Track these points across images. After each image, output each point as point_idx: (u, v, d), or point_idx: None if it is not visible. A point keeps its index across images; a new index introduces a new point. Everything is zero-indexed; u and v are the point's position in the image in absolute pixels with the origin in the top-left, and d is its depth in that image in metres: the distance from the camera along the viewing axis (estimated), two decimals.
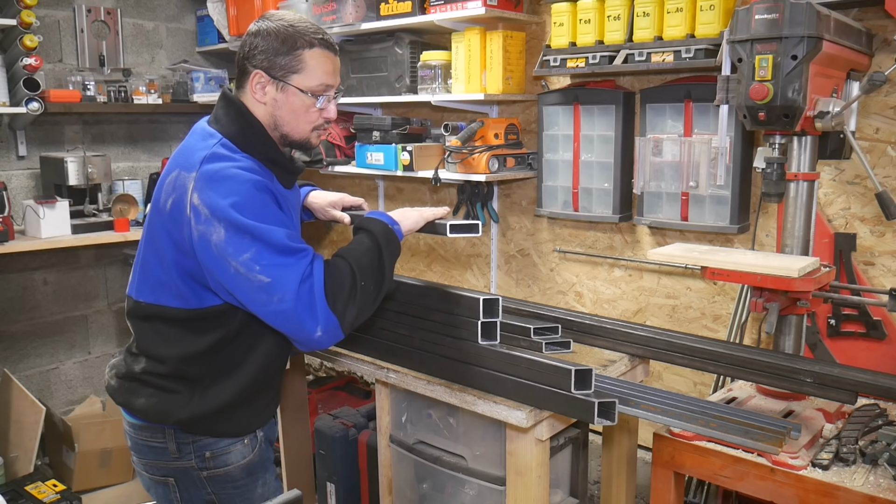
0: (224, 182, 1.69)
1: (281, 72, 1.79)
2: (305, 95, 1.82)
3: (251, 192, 1.69)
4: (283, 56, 1.79)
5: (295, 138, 1.87)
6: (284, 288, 1.66)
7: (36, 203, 3.73)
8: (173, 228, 1.74)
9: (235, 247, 1.65)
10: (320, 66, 1.82)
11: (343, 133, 4.11)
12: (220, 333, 1.82)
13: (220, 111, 1.85)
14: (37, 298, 4.27)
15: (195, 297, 1.78)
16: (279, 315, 1.68)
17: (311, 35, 1.80)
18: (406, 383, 2.12)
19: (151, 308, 1.83)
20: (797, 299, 2.10)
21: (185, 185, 1.72)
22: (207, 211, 1.67)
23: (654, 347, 2.22)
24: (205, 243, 1.68)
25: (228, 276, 1.69)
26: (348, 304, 1.72)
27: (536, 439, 1.89)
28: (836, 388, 1.88)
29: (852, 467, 1.82)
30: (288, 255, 1.68)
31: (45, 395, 4.31)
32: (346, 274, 1.74)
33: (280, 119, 1.84)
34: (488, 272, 3.96)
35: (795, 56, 1.95)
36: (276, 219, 1.71)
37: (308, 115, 1.85)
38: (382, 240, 1.84)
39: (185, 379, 1.83)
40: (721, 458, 1.93)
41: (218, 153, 1.75)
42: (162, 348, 1.83)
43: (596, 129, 3.26)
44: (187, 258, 1.74)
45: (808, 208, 2.20)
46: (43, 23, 3.95)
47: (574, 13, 3.08)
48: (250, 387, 1.87)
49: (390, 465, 2.40)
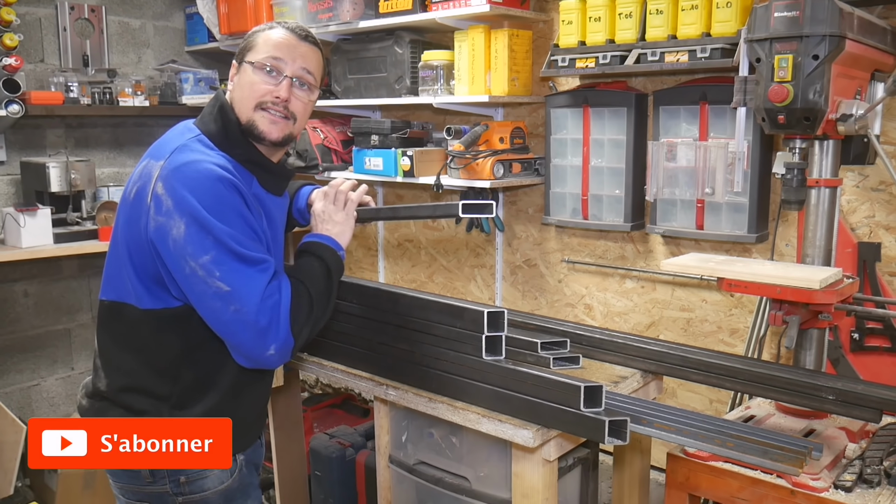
0: (192, 175, 1.70)
1: (241, 55, 1.89)
2: (251, 67, 1.86)
3: (219, 189, 1.70)
4: (246, 41, 1.90)
5: (242, 122, 1.87)
6: (244, 299, 1.68)
7: (16, 211, 3.74)
8: (132, 218, 1.75)
9: (195, 246, 1.66)
10: (270, 41, 1.87)
11: (340, 137, 4.13)
12: (184, 343, 1.81)
13: (206, 108, 1.91)
14: (17, 311, 4.28)
15: (150, 296, 1.78)
16: (233, 325, 1.70)
17: (276, 22, 1.92)
18: (406, 401, 2.13)
19: (112, 306, 1.84)
20: (819, 312, 2.11)
21: (150, 174, 1.73)
22: (171, 202, 1.68)
23: (668, 363, 2.22)
24: (162, 236, 1.69)
25: (183, 276, 1.70)
26: (304, 328, 1.78)
27: (544, 460, 1.89)
28: (860, 405, 1.88)
29: (877, 489, 1.83)
30: (250, 264, 1.70)
31: (25, 413, 4.31)
32: (305, 299, 1.80)
33: (234, 100, 1.88)
34: (493, 283, 3.97)
35: (817, 56, 1.96)
36: (242, 221, 1.73)
37: (253, 90, 1.85)
38: (332, 265, 1.91)
39: (152, 397, 1.82)
40: (738, 480, 1.93)
41: (190, 146, 1.78)
42: (123, 357, 1.83)
43: (606, 132, 3.27)
44: (142, 252, 1.74)
45: (831, 216, 2.20)
46: (23, 21, 3.98)
47: (584, 10, 3.10)
48: (223, 406, 1.86)
49: (390, 487, 2.40)
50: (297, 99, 1.88)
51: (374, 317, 2.15)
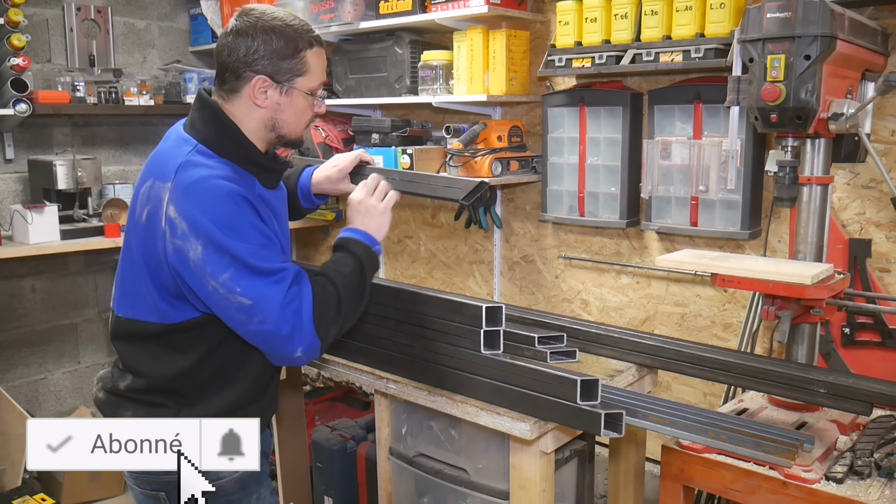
0: (202, 194, 1.69)
1: (286, 76, 1.80)
2: (308, 97, 1.85)
3: (230, 207, 1.70)
4: (288, 60, 1.78)
5: (292, 138, 1.90)
6: (266, 310, 1.69)
7: (24, 208, 3.74)
8: (148, 240, 1.75)
9: (214, 266, 1.67)
10: (320, 66, 1.86)
11: (341, 136, 4.12)
12: (204, 347, 1.82)
13: (195, 114, 1.84)
14: (24, 306, 4.28)
15: (173, 310, 1.78)
16: (259, 335, 1.73)
17: (308, 35, 1.82)
18: (406, 394, 2.13)
19: (132, 324, 1.84)
20: (810, 307, 2.10)
21: (160, 196, 1.72)
22: (185, 226, 1.67)
23: (663, 357, 2.23)
24: (182, 259, 1.69)
25: (206, 293, 1.71)
26: (331, 327, 1.78)
27: (541, 452, 1.89)
28: (851, 398, 1.88)
29: (867, 481, 1.83)
30: (267, 275, 1.70)
31: (33, 406, 4.31)
32: (332, 297, 1.78)
33: (281, 122, 1.85)
34: (491, 279, 3.96)
35: (809, 56, 1.96)
36: (256, 233, 1.72)
37: (306, 115, 1.88)
38: (366, 262, 1.89)
39: (172, 393, 1.84)
40: (732, 472, 1.93)
41: (193, 160, 1.75)
42: (146, 365, 1.84)
43: (602, 131, 3.27)
44: (162, 271, 1.74)
45: (822, 213, 2.20)
46: (31, 21, 3.96)
47: (580, 11, 3.09)
48: (239, 399, 1.88)
49: (390, 479, 2.40)
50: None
51: (374, 312, 2.15)
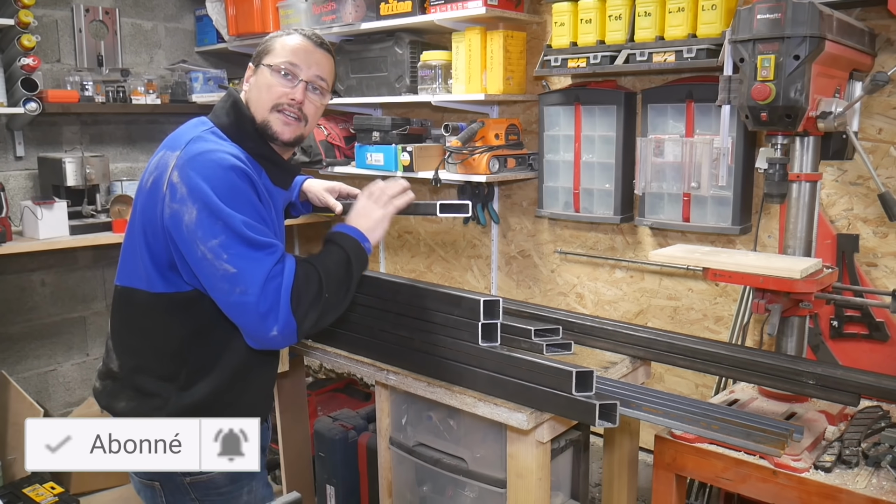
0: (206, 164, 1.71)
1: (258, 58, 1.91)
2: (269, 70, 1.87)
3: (231, 178, 1.71)
4: (263, 45, 1.93)
5: (258, 121, 1.88)
6: (248, 281, 1.68)
7: (34, 204, 3.73)
8: (148, 206, 1.76)
9: (205, 230, 1.67)
10: (288, 46, 1.89)
11: (343, 133, 4.12)
12: (189, 327, 1.81)
13: (219, 104, 1.92)
14: (34, 300, 4.27)
15: (162, 280, 1.78)
16: (239, 307, 1.71)
17: (293, 29, 1.92)
18: (406, 385, 2.12)
19: (126, 292, 1.85)
20: (799, 301, 2.10)
21: (167, 164, 1.74)
22: (185, 189, 1.69)
23: (656, 349, 2.22)
24: (176, 222, 1.69)
25: (195, 259, 1.70)
26: (309, 311, 1.75)
27: (537, 441, 1.89)
28: (839, 390, 1.88)
29: (855, 469, 1.83)
30: (257, 248, 1.70)
31: (42, 396, 4.31)
32: (313, 281, 1.77)
33: (251, 100, 1.90)
34: (489, 273, 3.96)
35: (798, 56, 1.95)
36: (252, 209, 1.73)
37: (270, 92, 1.87)
38: (353, 256, 1.87)
39: (161, 378, 1.83)
40: (723, 461, 1.93)
41: (205, 137, 1.79)
42: (133, 338, 1.85)
43: (597, 129, 3.26)
44: (158, 238, 1.75)
45: (811, 209, 2.20)
46: (41, 22, 3.95)
47: (575, 13, 3.08)
48: (228, 387, 1.86)
49: (390, 468, 2.40)
50: (310, 102, 1.91)
51: (375, 305, 2.15)
